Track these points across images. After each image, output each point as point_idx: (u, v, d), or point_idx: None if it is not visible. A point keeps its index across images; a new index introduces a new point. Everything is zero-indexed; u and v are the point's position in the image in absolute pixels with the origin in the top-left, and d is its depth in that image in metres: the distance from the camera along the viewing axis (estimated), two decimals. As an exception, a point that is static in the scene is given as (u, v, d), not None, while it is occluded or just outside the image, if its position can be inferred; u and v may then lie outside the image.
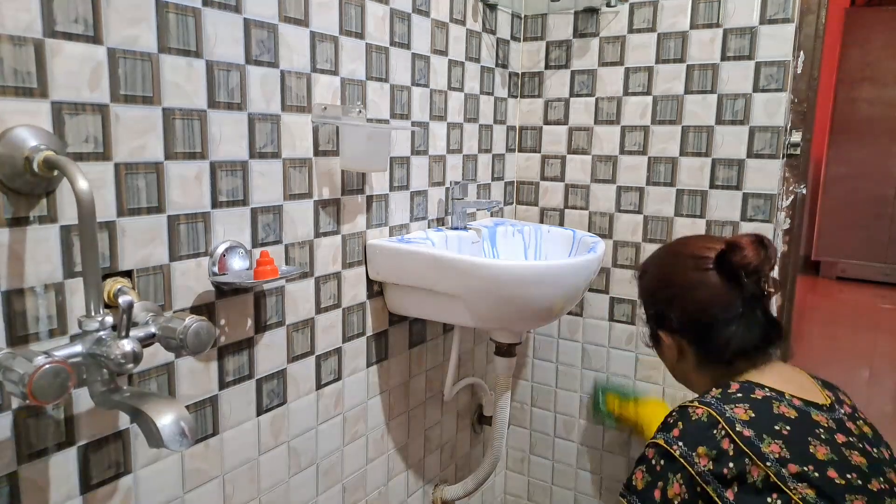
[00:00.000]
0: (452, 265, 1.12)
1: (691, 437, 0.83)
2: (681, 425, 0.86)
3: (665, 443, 0.85)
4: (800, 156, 1.40)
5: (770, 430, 0.82)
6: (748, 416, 0.83)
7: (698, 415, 0.85)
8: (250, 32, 0.91)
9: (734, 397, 0.87)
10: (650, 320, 1.04)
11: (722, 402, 0.86)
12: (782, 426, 0.82)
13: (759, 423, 0.82)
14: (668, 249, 1.07)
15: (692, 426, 0.85)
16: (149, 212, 0.81)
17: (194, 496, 0.93)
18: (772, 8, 1.36)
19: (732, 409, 0.84)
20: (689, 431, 0.84)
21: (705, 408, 0.85)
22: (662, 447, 0.85)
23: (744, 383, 0.90)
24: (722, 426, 0.82)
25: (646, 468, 0.86)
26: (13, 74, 0.67)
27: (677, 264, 1.00)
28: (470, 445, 1.65)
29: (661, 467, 0.84)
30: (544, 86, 1.65)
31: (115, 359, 0.66)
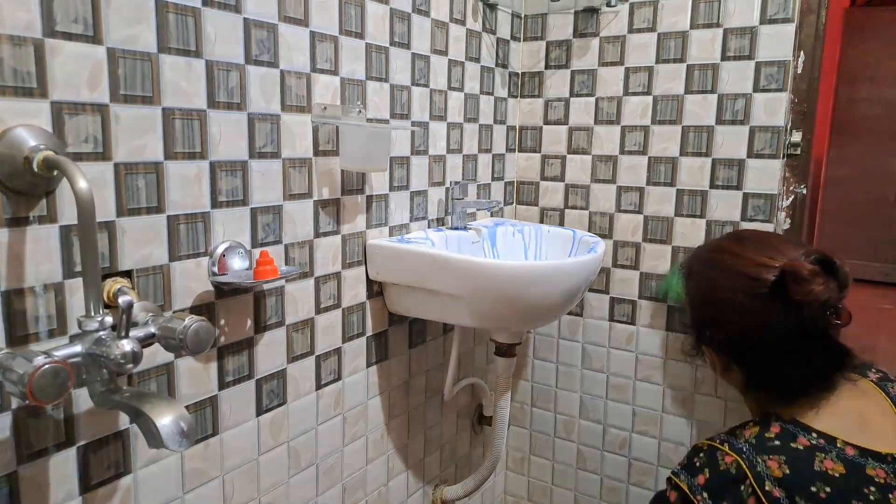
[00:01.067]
0: (452, 265, 1.11)
1: (716, 490, 0.76)
2: (707, 473, 0.78)
3: (689, 490, 0.79)
4: (800, 156, 1.40)
5: (805, 492, 0.72)
6: (782, 473, 0.74)
7: (727, 464, 0.77)
8: (250, 32, 0.91)
9: (770, 446, 0.77)
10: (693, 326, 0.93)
11: (755, 450, 0.77)
12: (821, 487, 0.72)
13: (793, 482, 0.73)
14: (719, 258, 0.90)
15: (718, 477, 0.77)
16: (148, 212, 0.81)
17: (194, 496, 0.93)
18: (772, 8, 1.36)
19: (766, 462, 0.75)
20: (715, 482, 0.77)
21: (735, 456, 0.77)
22: (686, 495, 0.79)
23: (788, 425, 0.79)
24: (750, 483, 0.74)
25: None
26: (13, 74, 0.67)
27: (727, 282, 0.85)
28: (470, 445, 1.65)
29: None
30: (544, 86, 1.65)
31: (115, 359, 0.66)
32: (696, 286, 0.93)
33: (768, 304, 0.80)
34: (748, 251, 0.86)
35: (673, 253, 1.53)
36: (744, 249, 0.87)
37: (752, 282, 0.81)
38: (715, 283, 0.87)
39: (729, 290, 0.84)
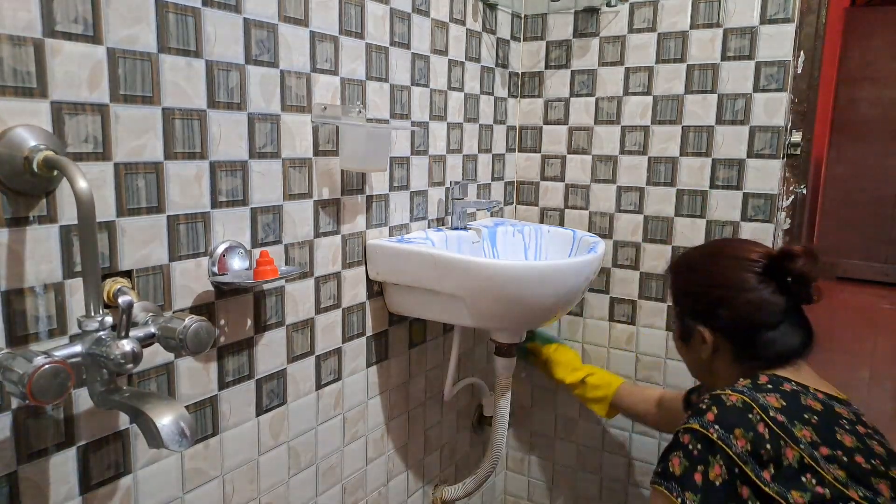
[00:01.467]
0: (452, 265, 1.11)
1: (727, 421, 0.85)
2: (715, 410, 0.87)
3: (701, 427, 0.86)
4: (800, 156, 1.40)
5: (800, 418, 0.86)
6: (780, 405, 0.87)
7: (732, 401, 0.87)
8: (250, 32, 0.91)
9: (765, 388, 0.90)
10: (691, 315, 1.04)
11: (753, 390, 0.90)
12: (810, 416, 0.87)
13: (789, 410, 0.87)
14: (711, 250, 1.08)
15: (727, 411, 0.87)
16: (148, 212, 0.81)
17: (194, 496, 0.93)
18: (772, 8, 1.36)
19: (765, 397, 0.88)
20: (725, 415, 0.86)
21: (738, 395, 0.88)
22: (699, 431, 0.86)
23: (772, 377, 0.93)
24: (757, 411, 0.86)
25: (682, 454, 0.87)
26: (13, 74, 0.67)
27: (728, 265, 1.01)
28: (470, 445, 1.65)
29: (699, 451, 0.85)
30: (544, 86, 1.65)
31: (115, 359, 0.66)
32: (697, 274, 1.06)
33: (764, 280, 0.97)
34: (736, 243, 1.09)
35: (673, 253, 1.53)
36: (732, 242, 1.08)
37: (753, 263, 0.98)
38: (721, 268, 1.02)
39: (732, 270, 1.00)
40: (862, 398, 2.95)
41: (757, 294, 0.96)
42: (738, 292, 0.98)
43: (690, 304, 1.05)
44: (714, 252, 1.07)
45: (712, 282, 1.02)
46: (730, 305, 0.98)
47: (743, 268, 0.99)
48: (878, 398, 2.97)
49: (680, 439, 0.89)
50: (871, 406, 2.85)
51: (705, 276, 1.04)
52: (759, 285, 0.97)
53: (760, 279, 0.97)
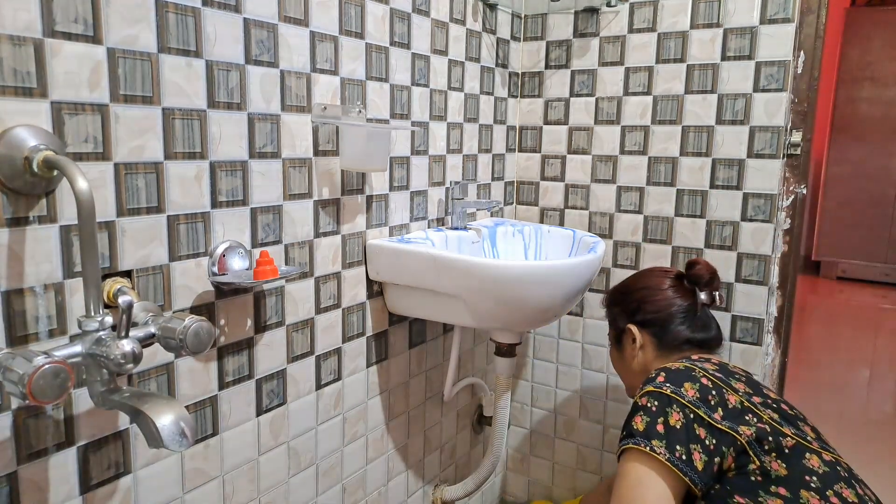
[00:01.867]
0: (452, 265, 1.11)
1: (676, 378, 1.01)
2: (664, 374, 1.03)
3: (655, 387, 1.00)
4: (800, 156, 1.40)
5: (733, 376, 1.05)
6: (714, 367, 1.06)
7: (676, 366, 1.05)
8: (250, 32, 0.91)
9: (698, 360, 1.09)
10: (623, 316, 1.26)
11: (690, 360, 1.08)
12: (739, 377, 1.06)
13: (722, 371, 1.05)
14: (638, 273, 1.32)
15: (674, 372, 1.03)
16: (148, 212, 0.81)
17: (194, 496, 0.93)
18: (772, 8, 1.36)
19: (701, 364, 1.06)
20: (673, 375, 1.02)
21: (680, 363, 1.06)
22: (654, 391, 1.00)
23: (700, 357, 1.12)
24: (698, 370, 1.03)
25: (643, 412, 0.99)
26: (13, 74, 0.67)
27: (648, 275, 1.28)
28: (470, 445, 1.65)
29: (657, 406, 0.98)
30: (544, 86, 1.65)
31: (115, 359, 0.66)
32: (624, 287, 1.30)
33: (676, 285, 1.23)
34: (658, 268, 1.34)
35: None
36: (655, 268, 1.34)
37: (665, 271, 1.27)
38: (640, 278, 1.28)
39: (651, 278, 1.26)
40: (862, 398, 2.95)
41: (670, 293, 1.21)
42: (656, 292, 1.22)
43: (622, 309, 1.26)
44: (636, 274, 1.32)
45: (636, 287, 1.26)
46: (650, 301, 1.21)
47: (657, 276, 1.26)
48: (878, 398, 2.97)
49: (638, 402, 1.01)
50: (871, 406, 2.85)
51: (631, 287, 1.28)
52: (671, 287, 1.22)
53: (673, 283, 1.22)
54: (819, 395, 2.89)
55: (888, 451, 2.39)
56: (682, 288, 1.22)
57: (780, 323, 1.46)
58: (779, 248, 1.43)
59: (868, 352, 3.57)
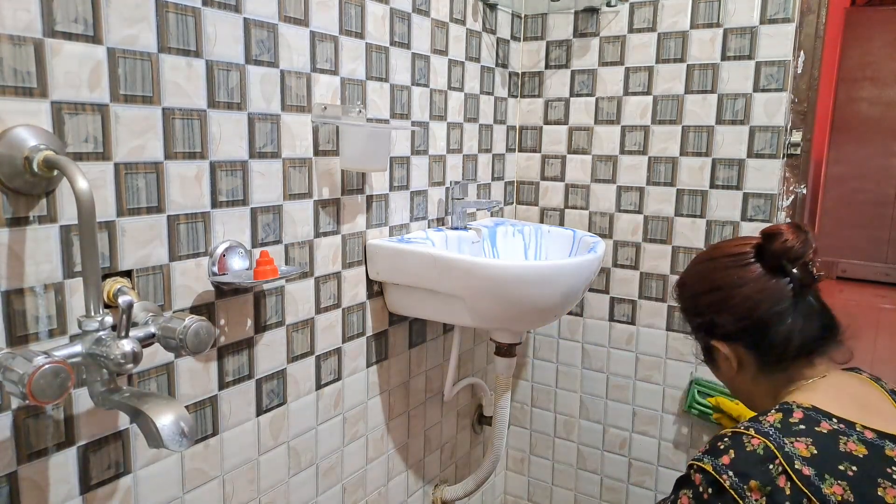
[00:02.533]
0: (452, 265, 1.11)
1: (744, 469, 0.76)
2: (732, 454, 0.78)
3: (714, 470, 0.77)
4: (800, 156, 1.40)
5: (833, 470, 0.74)
6: (810, 453, 0.76)
7: (754, 445, 0.77)
8: (250, 32, 0.91)
9: (796, 429, 0.79)
10: (700, 332, 0.97)
11: (782, 433, 0.78)
12: (848, 466, 0.75)
13: (821, 461, 0.75)
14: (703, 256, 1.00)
15: (746, 457, 0.77)
16: (148, 212, 0.81)
17: (194, 496, 0.93)
18: (772, 8, 1.36)
19: (793, 444, 0.77)
20: (742, 462, 0.76)
21: (762, 439, 0.78)
22: (711, 475, 0.77)
23: (809, 411, 0.81)
24: (779, 462, 0.75)
25: (692, 494, 0.79)
26: (13, 74, 0.67)
27: (716, 267, 0.94)
28: (470, 445, 1.65)
29: (710, 496, 0.77)
30: (544, 86, 1.65)
31: (115, 359, 0.66)
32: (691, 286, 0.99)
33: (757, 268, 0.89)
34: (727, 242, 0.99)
35: (673, 253, 1.53)
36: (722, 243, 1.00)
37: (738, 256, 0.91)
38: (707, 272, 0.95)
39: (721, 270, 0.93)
40: (862, 398, 2.94)
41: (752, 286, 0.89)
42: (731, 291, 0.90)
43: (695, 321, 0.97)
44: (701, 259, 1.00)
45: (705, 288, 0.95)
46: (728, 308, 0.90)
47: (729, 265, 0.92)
48: (878, 398, 2.97)
49: (692, 478, 0.80)
50: (871, 406, 2.85)
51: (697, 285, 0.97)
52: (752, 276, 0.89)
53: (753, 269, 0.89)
54: (819, 395, 2.88)
55: (888, 451, 2.38)
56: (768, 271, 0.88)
57: (780, 323, 1.45)
58: (779, 248, 1.43)
59: (868, 352, 3.57)
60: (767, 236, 0.89)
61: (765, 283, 0.88)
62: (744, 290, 0.89)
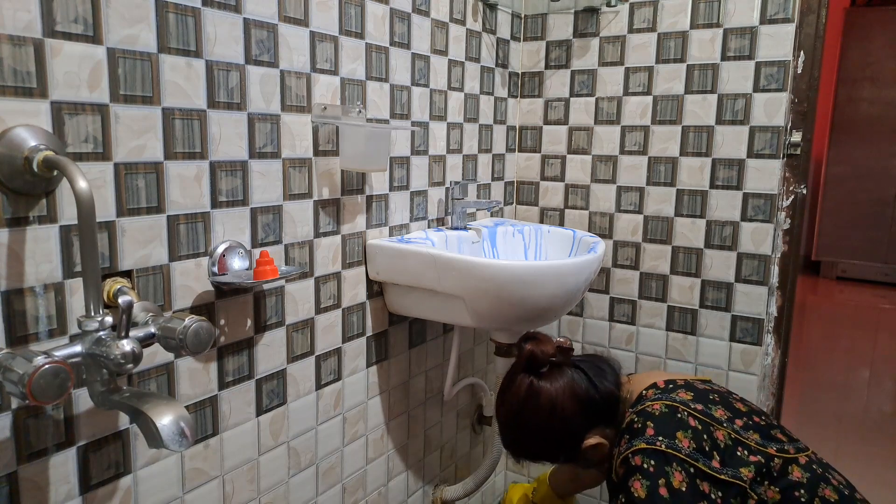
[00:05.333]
0: (452, 265, 1.11)
1: (666, 428, 0.90)
2: (651, 424, 0.91)
3: (648, 444, 0.89)
4: (800, 156, 1.40)
5: (709, 400, 0.95)
6: (690, 395, 0.95)
7: (657, 408, 0.93)
8: (250, 32, 0.91)
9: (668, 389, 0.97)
10: (568, 457, 1.08)
11: (664, 393, 0.96)
12: (712, 396, 0.97)
13: (698, 397, 0.95)
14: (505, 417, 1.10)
15: (660, 418, 0.91)
16: (148, 212, 0.81)
17: (194, 496, 0.93)
18: (772, 8, 1.36)
19: (677, 394, 0.95)
20: (661, 425, 0.90)
21: (658, 403, 0.94)
22: (648, 448, 0.89)
23: (666, 382, 1.00)
24: (681, 408, 0.92)
25: (641, 475, 0.88)
26: (13, 74, 0.67)
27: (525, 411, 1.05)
28: (470, 445, 1.65)
29: (655, 466, 0.87)
30: (544, 86, 1.65)
31: (115, 359, 0.66)
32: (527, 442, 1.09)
33: (541, 383, 1.04)
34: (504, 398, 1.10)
35: (673, 253, 1.53)
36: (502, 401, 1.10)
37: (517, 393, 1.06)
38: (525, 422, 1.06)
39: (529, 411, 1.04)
40: (862, 398, 2.95)
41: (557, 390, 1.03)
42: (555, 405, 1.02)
43: (556, 450, 1.08)
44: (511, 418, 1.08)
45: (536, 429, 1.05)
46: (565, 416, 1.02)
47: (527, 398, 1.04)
48: (878, 398, 2.97)
49: (632, 462, 0.90)
50: (871, 406, 2.85)
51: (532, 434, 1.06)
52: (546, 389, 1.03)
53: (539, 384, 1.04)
54: (819, 395, 2.89)
55: (888, 451, 2.39)
56: (549, 379, 1.04)
57: (780, 323, 1.46)
58: (779, 248, 1.43)
59: (868, 352, 3.57)
60: (527, 361, 1.05)
61: (558, 385, 1.03)
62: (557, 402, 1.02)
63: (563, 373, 1.05)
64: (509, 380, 1.09)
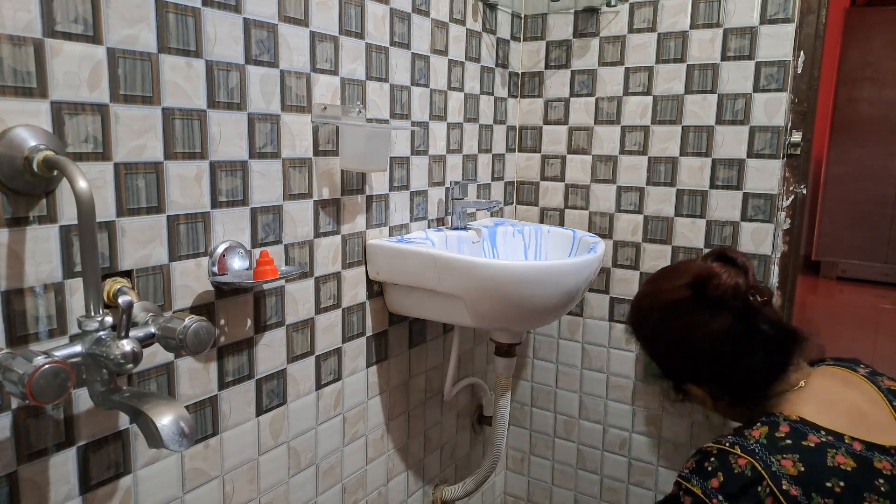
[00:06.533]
0: (452, 265, 1.11)
1: (732, 493, 0.76)
2: (721, 476, 0.78)
3: (704, 494, 0.78)
4: (800, 156, 1.40)
5: (820, 488, 0.74)
6: (797, 471, 0.75)
7: (741, 466, 0.77)
8: (250, 32, 0.91)
9: (782, 445, 0.78)
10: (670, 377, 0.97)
11: (767, 451, 0.78)
12: (835, 482, 0.74)
13: (808, 478, 0.75)
14: (644, 306, 1.00)
15: (734, 480, 0.77)
16: (148, 212, 0.81)
17: (194, 496, 0.93)
18: (772, 8, 1.36)
19: (780, 462, 0.76)
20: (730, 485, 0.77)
21: (749, 458, 0.77)
22: (700, 498, 0.78)
23: (796, 423, 0.81)
24: (767, 483, 0.75)
25: None
26: (13, 74, 0.67)
27: (662, 318, 0.92)
28: (470, 445, 1.65)
29: None
30: (544, 86, 1.65)
31: (115, 359, 0.66)
32: (645, 339, 1.00)
33: (699, 312, 0.88)
34: (660, 285, 0.96)
35: (673, 253, 1.53)
36: (656, 286, 0.98)
37: (676, 303, 0.90)
38: (654, 324, 0.94)
39: (665, 322, 0.91)
40: (862, 398, 2.94)
41: (700, 331, 0.88)
42: (683, 341, 0.89)
43: (663, 367, 0.97)
44: (641, 307, 0.99)
45: (660, 343, 0.94)
46: (686, 357, 0.90)
47: (671, 313, 0.90)
48: (878, 398, 2.97)
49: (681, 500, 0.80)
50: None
51: (651, 339, 0.96)
52: (696, 320, 0.88)
53: (694, 312, 0.88)
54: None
55: (888, 451, 2.38)
56: (711, 314, 0.88)
57: (780, 323, 1.45)
58: (779, 249, 1.43)
59: (868, 352, 3.57)
60: (701, 280, 0.88)
61: (710, 328, 0.87)
62: (695, 337, 0.88)
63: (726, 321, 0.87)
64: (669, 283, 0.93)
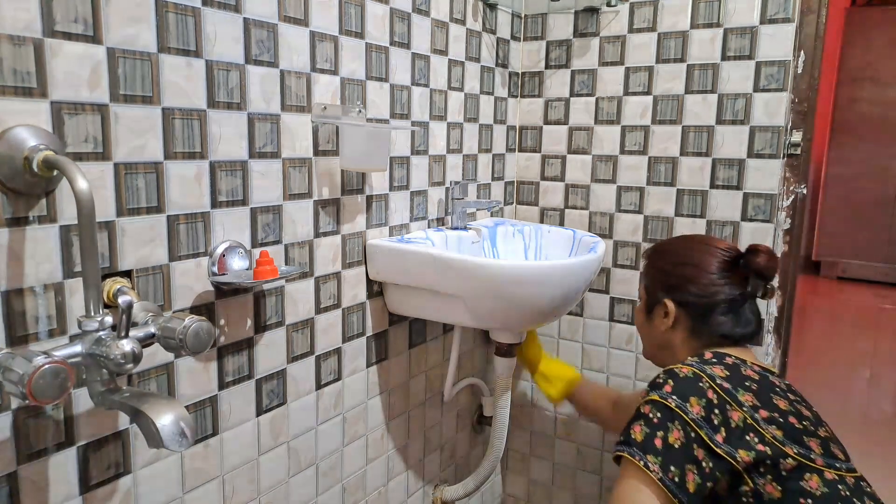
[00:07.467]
0: (452, 265, 1.11)
1: (682, 390, 0.96)
2: (671, 382, 0.98)
3: (660, 398, 0.96)
4: (800, 156, 1.40)
5: (742, 384, 0.98)
6: (724, 374, 0.99)
7: (685, 372, 0.99)
8: (250, 32, 0.91)
9: (710, 361, 1.02)
10: (658, 287, 1.16)
11: (701, 363, 1.02)
12: (751, 383, 0.99)
13: (732, 378, 0.99)
14: (686, 237, 1.22)
15: (682, 381, 0.97)
16: (148, 212, 0.81)
17: (194, 496, 0.93)
18: (772, 8, 1.36)
19: (711, 368, 1.00)
20: (680, 385, 0.97)
21: (689, 367, 1.00)
22: (659, 402, 0.96)
23: (716, 352, 1.06)
24: (706, 379, 0.97)
25: (644, 422, 0.96)
26: (13, 74, 0.67)
27: (699, 249, 1.14)
28: (470, 445, 1.65)
29: (659, 419, 0.94)
30: (544, 85, 1.65)
31: (115, 359, 0.66)
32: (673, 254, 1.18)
33: (728, 269, 1.10)
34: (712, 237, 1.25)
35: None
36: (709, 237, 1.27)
37: (721, 251, 1.12)
38: (693, 251, 1.15)
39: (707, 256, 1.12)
40: (862, 398, 2.95)
41: (719, 278, 1.10)
42: (705, 273, 1.11)
43: (662, 278, 1.16)
44: (688, 238, 1.21)
45: (684, 261, 1.14)
46: (695, 283, 1.11)
47: (711, 253, 1.12)
48: (878, 398, 2.97)
49: (641, 410, 0.97)
50: (871, 406, 2.85)
51: (679, 256, 1.16)
52: (722, 272, 1.10)
53: (725, 267, 1.11)
54: (819, 395, 2.89)
55: (888, 451, 2.39)
56: (735, 274, 1.10)
57: (780, 323, 1.46)
58: (779, 248, 1.43)
59: (868, 352, 3.57)
60: (750, 251, 1.10)
61: (731, 280, 1.10)
62: (713, 277, 1.10)
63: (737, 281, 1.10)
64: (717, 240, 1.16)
